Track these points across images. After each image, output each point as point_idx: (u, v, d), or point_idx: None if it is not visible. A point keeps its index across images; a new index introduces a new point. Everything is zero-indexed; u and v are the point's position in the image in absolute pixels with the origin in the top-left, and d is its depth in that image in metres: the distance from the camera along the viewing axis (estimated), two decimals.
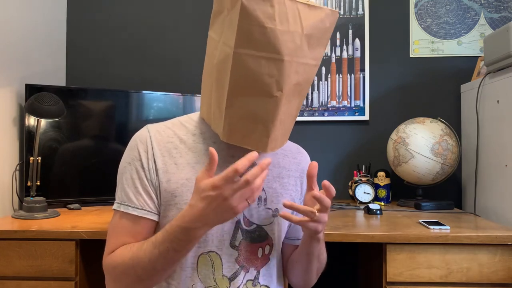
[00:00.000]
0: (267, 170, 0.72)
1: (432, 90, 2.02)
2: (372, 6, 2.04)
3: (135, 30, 2.10)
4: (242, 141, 0.79)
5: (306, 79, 0.78)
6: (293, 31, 0.72)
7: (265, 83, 0.73)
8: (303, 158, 0.99)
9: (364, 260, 1.80)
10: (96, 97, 1.76)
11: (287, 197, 0.92)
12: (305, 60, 0.76)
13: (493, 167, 1.63)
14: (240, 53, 0.72)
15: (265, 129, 0.77)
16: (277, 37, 0.70)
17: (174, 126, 0.88)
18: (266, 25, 0.70)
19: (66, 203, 1.72)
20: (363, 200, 1.85)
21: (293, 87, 0.75)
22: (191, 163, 0.84)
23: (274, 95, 0.74)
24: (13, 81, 1.66)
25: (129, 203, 0.83)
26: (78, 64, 2.10)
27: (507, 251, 1.25)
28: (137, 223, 0.83)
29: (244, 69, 0.73)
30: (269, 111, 0.75)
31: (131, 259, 0.78)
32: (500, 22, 1.98)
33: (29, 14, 1.77)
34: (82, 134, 1.73)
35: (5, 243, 1.30)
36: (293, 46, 0.72)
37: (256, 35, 0.71)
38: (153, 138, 0.85)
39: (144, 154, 0.84)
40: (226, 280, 0.85)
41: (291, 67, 0.73)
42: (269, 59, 0.72)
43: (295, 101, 0.79)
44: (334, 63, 2.04)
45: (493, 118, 1.63)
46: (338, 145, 2.04)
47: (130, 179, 0.84)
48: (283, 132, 0.81)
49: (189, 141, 0.86)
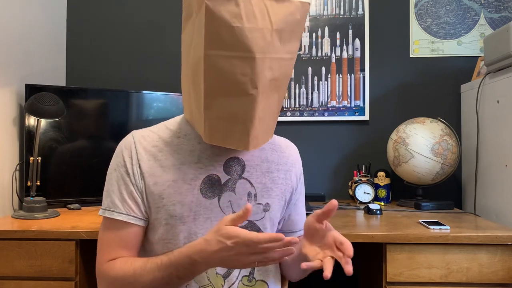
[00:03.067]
0: (292, 248, 0.71)
1: (432, 90, 2.02)
2: (372, 6, 2.04)
3: (135, 30, 2.10)
4: (223, 141, 0.80)
5: (283, 74, 0.78)
6: (262, 27, 0.72)
7: (239, 82, 0.73)
8: (292, 151, 0.99)
9: (364, 260, 1.80)
10: (96, 97, 1.76)
11: (277, 191, 0.92)
12: (279, 55, 0.75)
13: (493, 167, 1.63)
14: (211, 55, 0.72)
15: (244, 128, 0.77)
16: (246, 36, 0.70)
17: (159, 130, 0.89)
18: (233, 24, 0.70)
19: (66, 203, 1.72)
20: (363, 200, 1.85)
21: (268, 83, 0.75)
22: (177, 164, 0.85)
23: (249, 93, 0.74)
24: (13, 81, 1.66)
25: (114, 208, 0.84)
26: (78, 64, 2.10)
27: (507, 251, 1.25)
28: (123, 229, 0.84)
29: (217, 71, 0.73)
30: (247, 110, 0.75)
31: (133, 276, 0.79)
32: (500, 22, 1.98)
33: (29, 14, 1.77)
34: (82, 134, 1.73)
35: (5, 243, 1.30)
36: (264, 43, 0.72)
37: (224, 36, 0.71)
38: (137, 143, 0.86)
39: (128, 159, 0.85)
40: (220, 278, 0.85)
41: (263, 63, 0.73)
42: (241, 58, 0.72)
43: (274, 96, 0.79)
44: (334, 63, 2.04)
45: (493, 118, 1.63)
46: (338, 145, 2.04)
47: (116, 185, 0.85)
48: (265, 129, 0.81)
49: (173, 143, 0.87)
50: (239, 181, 0.88)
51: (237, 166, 0.88)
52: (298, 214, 1.01)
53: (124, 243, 0.84)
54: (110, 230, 0.85)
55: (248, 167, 0.89)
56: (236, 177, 0.88)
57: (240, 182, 0.88)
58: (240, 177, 0.88)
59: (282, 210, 0.95)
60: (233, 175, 0.87)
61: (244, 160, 0.89)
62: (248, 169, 0.89)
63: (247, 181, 0.89)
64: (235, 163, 0.88)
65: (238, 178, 0.88)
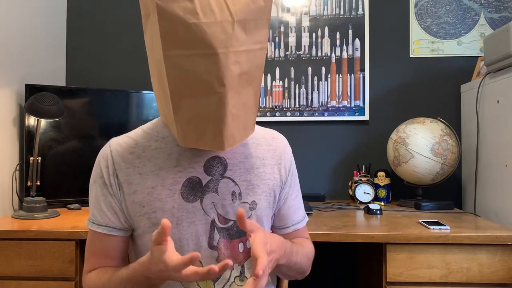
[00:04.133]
0: (213, 269, 0.65)
1: (432, 90, 2.02)
2: (372, 6, 2.04)
3: (135, 30, 2.10)
4: (197, 143, 0.76)
5: (254, 66, 0.74)
6: (221, 20, 0.67)
7: (204, 81, 0.69)
8: (278, 143, 0.94)
9: (364, 260, 1.80)
10: (96, 97, 1.76)
11: (264, 187, 0.88)
12: (245, 47, 0.71)
13: (493, 167, 1.63)
14: (171, 55, 0.68)
15: (216, 127, 0.73)
16: (204, 31, 0.66)
17: (137, 136, 0.87)
18: (189, 21, 0.66)
19: (66, 203, 1.72)
20: (363, 200, 1.85)
21: (237, 78, 0.71)
22: (155, 170, 0.82)
23: (217, 91, 0.69)
24: (13, 81, 1.66)
25: (94, 220, 0.84)
26: (78, 64, 2.10)
27: (507, 251, 1.25)
28: (104, 240, 0.84)
29: (179, 71, 0.69)
30: (216, 109, 0.71)
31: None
32: (500, 22, 1.98)
33: (29, 14, 1.77)
34: (82, 134, 1.73)
35: (5, 243, 1.30)
36: (225, 37, 0.67)
37: (181, 34, 0.66)
38: (114, 152, 0.84)
39: (105, 169, 0.83)
40: (210, 282, 0.83)
41: (228, 58, 0.68)
42: (202, 55, 0.67)
43: (247, 90, 0.75)
44: (334, 63, 2.04)
45: (493, 118, 1.63)
46: (338, 145, 2.04)
47: (95, 196, 0.85)
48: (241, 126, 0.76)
49: (151, 148, 0.84)
50: (222, 181, 0.85)
51: (218, 166, 0.85)
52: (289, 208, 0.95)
53: (106, 253, 0.85)
54: (93, 241, 0.86)
55: (230, 165, 0.86)
56: (218, 177, 0.84)
57: (223, 182, 0.85)
58: (222, 176, 0.85)
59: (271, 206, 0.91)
60: (214, 175, 0.84)
61: (225, 159, 0.86)
62: (231, 167, 0.86)
63: (230, 180, 0.85)
64: (216, 162, 0.85)
65: (220, 178, 0.84)
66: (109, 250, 0.85)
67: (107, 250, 0.85)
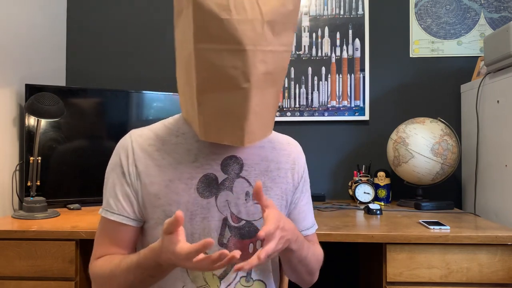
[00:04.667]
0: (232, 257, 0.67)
1: (432, 90, 2.02)
2: (372, 6, 2.04)
3: (135, 30, 2.10)
4: (218, 137, 0.78)
5: (278, 67, 0.75)
6: (252, 19, 0.69)
7: (231, 76, 0.71)
8: (293, 148, 0.97)
9: (364, 260, 1.80)
10: (96, 97, 1.76)
11: (277, 190, 0.90)
12: (272, 47, 0.72)
13: (493, 167, 1.63)
14: (201, 49, 0.71)
15: (238, 123, 0.75)
16: (235, 28, 0.68)
17: (157, 129, 0.89)
18: (221, 16, 0.68)
19: (66, 203, 1.72)
20: (363, 200, 1.85)
21: (262, 76, 0.73)
22: (173, 164, 0.84)
23: (242, 87, 0.71)
24: (13, 81, 1.66)
25: (109, 208, 0.85)
26: (78, 64, 2.10)
27: (507, 251, 1.25)
28: (116, 229, 0.85)
29: (207, 64, 0.71)
30: (240, 104, 0.73)
31: (109, 275, 0.80)
32: (500, 22, 1.98)
33: (29, 14, 1.77)
34: (82, 134, 1.73)
35: (5, 243, 1.30)
36: (254, 35, 0.69)
37: (213, 29, 0.69)
38: (134, 143, 0.85)
39: (125, 159, 0.85)
40: (216, 279, 0.84)
41: (255, 56, 0.70)
42: (231, 51, 0.69)
43: (270, 91, 0.76)
44: (334, 63, 2.04)
45: (493, 118, 1.63)
46: (338, 145, 2.04)
47: (112, 185, 0.86)
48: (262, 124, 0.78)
49: (171, 143, 0.86)
50: (237, 180, 0.86)
51: (235, 165, 0.87)
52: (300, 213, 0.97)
53: (116, 242, 0.85)
54: (104, 229, 0.86)
55: (246, 165, 0.88)
56: (233, 176, 0.86)
57: (238, 181, 0.86)
58: (238, 176, 0.86)
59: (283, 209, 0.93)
60: (230, 174, 0.86)
61: (242, 159, 0.88)
62: (246, 168, 0.88)
63: (245, 180, 0.87)
64: (233, 162, 0.87)
65: (235, 177, 0.86)
66: (119, 239, 0.85)
67: (118, 239, 0.85)
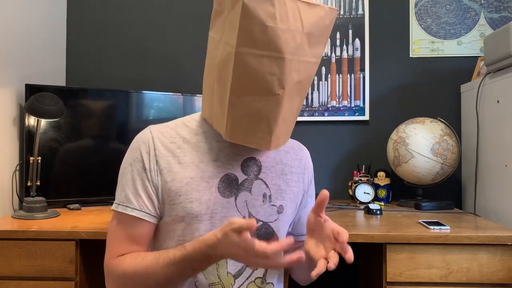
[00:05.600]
0: (301, 257, 0.70)
1: (432, 90, 2.02)
2: (372, 6, 2.04)
3: (135, 30, 2.10)
4: (245, 139, 0.80)
5: (307, 77, 0.79)
6: (293, 29, 0.72)
7: (267, 81, 0.73)
8: (304, 154, 1.00)
9: (364, 260, 1.80)
10: (96, 97, 1.76)
11: (290, 194, 0.92)
12: (306, 58, 0.76)
13: (493, 167, 1.63)
14: (242, 52, 0.72)
15: (268, 127, 0.77)
16: (278, 36, 0.71)
17: (177, 127, 0.89)
18: (267, 24, 0.70)
19: (66, 203, 1.72)
20: (363, 200, 1.85)
21: (295, 85, 0.76)
22: (195, 162, 0.84)
23: (276, 93, 0.74)
24: (13, 81, 1.66)
25: (128, 203, 0.83)
26: (78, 64, 2.10)
27: (507, 251, 1.25)
28: (135, 225, 0.84)
29: (245, 68, 0.73)
30: (272, 109, 0.75)
31: (144, 271, 0.79)
32: (500, 22, 1.98)
33: (29, 14, 1.77)
34: (82, 134, 1.73)
35: (5, 243, 1.29)
36: (294, 45, 0.73)
37: (257, 34, 0.71)
38: (155, 139, 0.85)
39: (146, 155, 0.84)
40: (230, 277, 0.85)
41: (292, 65, 0.73)
42: (271, 57, 0.72)
43: (297, 99, 0.80)
44: (334, 63, 2.04)
45: (493, 118, 1.63)
46: (338, 145, 2.04)
47: (131, 180, 0.84)
48: (286, 130, 0.82)
49: (192, 141, 0.87)
50: (256, 182, 0.88)
51: (254, 167, 0.88)
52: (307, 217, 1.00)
53: (135, 239, 0.84)
54: (122, 225, 0.84)
55: (264, 168, 0.89)
56: (252, 177, 0.88)
57: (257, 183, 0.88)
58: (256, 177, 0.88)
59: (293, 212, 0.95)
60: (250, 175, 0.87)
61: (260, 161, 0.89)
62: (264, 170, 0.89)
63: (263, 182, 0.88)
64: (252, 163, 0.88)
65: (254, 179, 0.88)
66: (138, 235, 0.84)
67: (136, 235, 0.84)
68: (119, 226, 0.84)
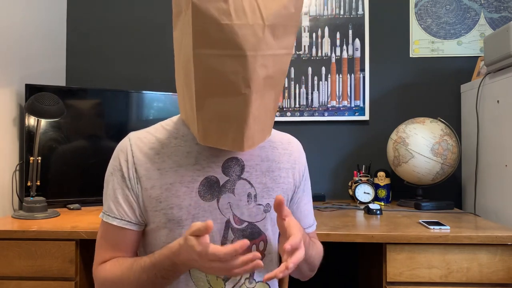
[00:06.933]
0: (258, 262, 0.70)
1: (432, 90, 2.02)
2: (372, 6, 2.04)
3: (135, 30, 2.10)
4: (218, 142, 0.77)
5: (278, 71, 0.75)
6: (252, 24, 0.68)
7: (231, 81, 0.70)
8: (294, 148, 0.96)
9: (364, 260, 1.80)
10: (96, 97, 1.76)
11: (278, 191, 0.90)
12: (272, 51, 0.72)
13: (493, 167, 1.63)
14: (201, 54, 0.69)
15: (238, 128, 0.74)
16: (236, 33, 0.67)
17: (156, 131, 0.88)
18: (222, 21, 0.67)
19: (66, 203, 1.72)
20: (363, 200, 1.85)
21: (262, 81, 0.72)
22: (174, 167, 0.83)
23: (242, 92, 0.71)
24: (13, 81, 1.66)
25: (110, 213, 0.84)
26: (78, 64, 2.10)
27: (507, 251, 1.25)
28: (118, 233, 0.84)
29: (207, 70, 0.70)
30: (240, 110, 0.72)
31: (120, 278, 0.80)
32: (500, 22, 1.98)
33: (29, 14, 1.77)
34: (82, 134, 1.73)
35: (5, 243, 1.30)
36: (255, 40, 0.68)
37: (213, 34, 0.68)
38: (133, 146, 0.84)
39: (124, 163, 0.84)
40: (220, 281, 0.84)
41: (256, 61, 0.69)
42: (231, 56, 0.68)
43: (269, 94, 0.76)
44: (334, 63, 2.04)
45: (493, 118, 1.63)
46: (338, 145, 2.04)
47: (112, 189, 0.85)
48: (261, 128, 0.78)
49: (171, 145, 0.85)
50: (238, 182, 0.86)
51: (236, 167, 0.86)
52: (302, 212, 0.97)
53: (119, 247, 0.85)
54: (106, 233, 0.86)
55: (247, 167, 0.87)
56: (235, 178, 0.86)
57: (240, 183, 0.86)
58: (239, 177, 0.86)
59: None
60: (232, 176, 0.85)
61: (243, 160, 0.87)
62: (248, 169, 0.87)
63: (247, 182, 0.87)
64: (234, 164, 0.86)
65: (237, 179, 0.86)
66: (122, 243, 0.85)
67: (120, 243, 0.85)
68: (104, 234, 0.86)
